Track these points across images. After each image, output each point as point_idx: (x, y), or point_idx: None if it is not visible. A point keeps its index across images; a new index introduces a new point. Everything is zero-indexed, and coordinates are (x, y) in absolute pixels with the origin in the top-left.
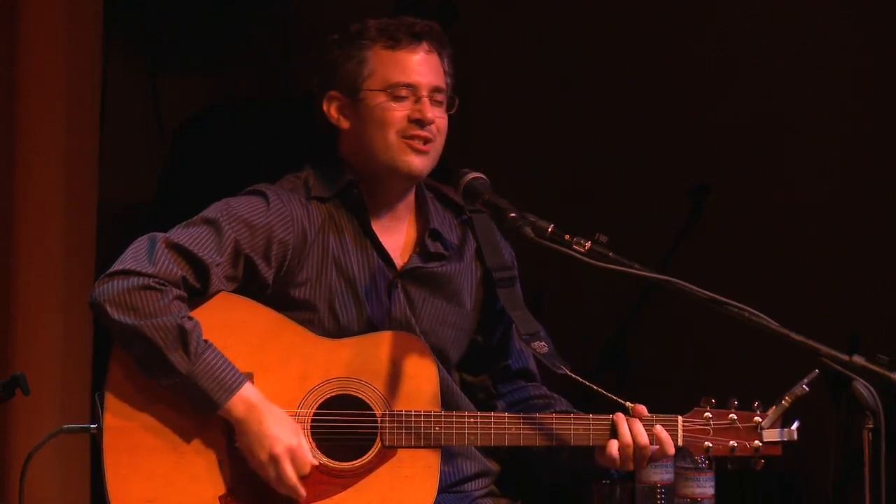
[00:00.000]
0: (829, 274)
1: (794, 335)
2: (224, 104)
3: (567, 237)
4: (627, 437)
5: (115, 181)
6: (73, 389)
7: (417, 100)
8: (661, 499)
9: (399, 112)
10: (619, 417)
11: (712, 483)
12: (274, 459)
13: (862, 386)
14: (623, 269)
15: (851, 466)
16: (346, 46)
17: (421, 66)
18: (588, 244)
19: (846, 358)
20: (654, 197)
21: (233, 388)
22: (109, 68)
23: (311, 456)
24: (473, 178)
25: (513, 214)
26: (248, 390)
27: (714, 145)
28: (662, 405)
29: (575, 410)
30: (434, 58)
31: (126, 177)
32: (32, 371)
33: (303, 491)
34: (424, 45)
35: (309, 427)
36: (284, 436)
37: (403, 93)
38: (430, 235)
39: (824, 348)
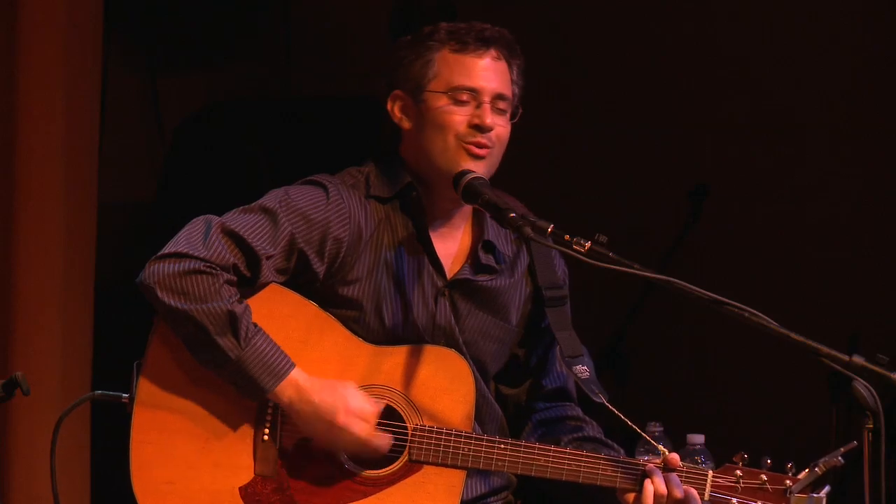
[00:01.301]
0: (829, 274)
1: (794, 335)
2: (224, 104)
3: (567, 237)
4: (662, 489)
5: (115, 181)
6: (73, 389)
7: (479, 105)
8: None
9: (459, 116)
10: (654, 470)
11: None
12: (342, 429)
13: (862, 386)
14: (623, 269)
15: (851, 466)
16: (414, 46)
17: (485, 72)
18: (588, 244)
19: (846, 358)
20: (654, 197)
21: (282, 373)
22: (109, 68)
23: (373, 405)
24: (473, 177)
25: (513, 214)
26: (296, 374)
27: (714, 145)
28: (662, 405)
29: (604, 438)
30: (502, 65)
31: (126, 177)
32: (32, 371)
33: (388, 439)
34: (492, 52)
35: None
36: (341, 401)
37: (465, 97)
38: (483, 247)
39: (824, 348)
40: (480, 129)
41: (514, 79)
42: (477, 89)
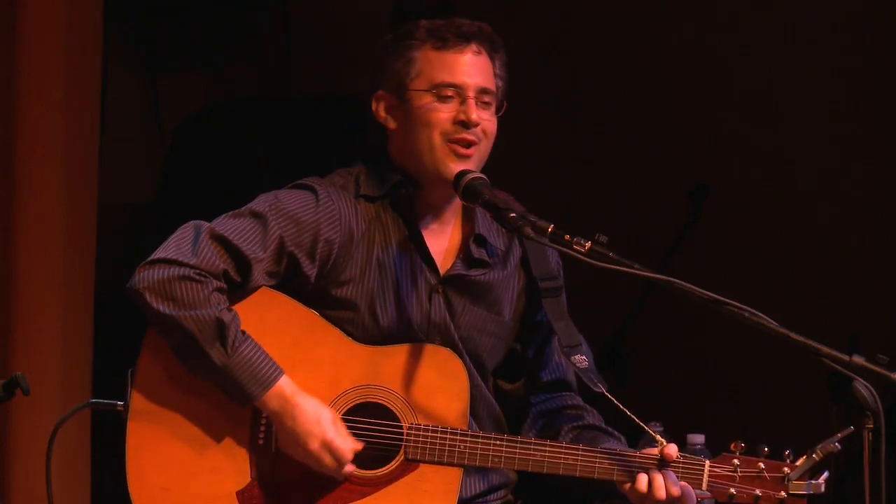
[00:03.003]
0: (829, 274)
1: (794, 335)
2: (224, 104)
3: (567, 237)
4: (661, 493)
5: (115, 181)
6: (73, 389)
7: (463, 101)
8: None
9: (444, 113)
10: (656, 474)
11: None
12: (312, 455)
13: (862, 386)
14: (623, 269)
15: (851, 466)
16: (395, 46)
17: (467, 67)
18: (588, 244)
19: (846, 358)
20: (654, 197)
21: (268, 382)
22: (109, 68)
23: (350, 442)
24: (473, 178)
25: (513, 214)
26: (283, 383)
27: (714, 145)
28: (662, 406)
29: (605, 426)
30: (483, 59)
31: (126, 177)
32: (32, 371)
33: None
34: (473, 46)
35: None
36: (318, 430)
37: (449, 93)
38: (475, 241)
39: (824, 348)
40: (466, 124)
41: (496, 72)
42: (460, 85)
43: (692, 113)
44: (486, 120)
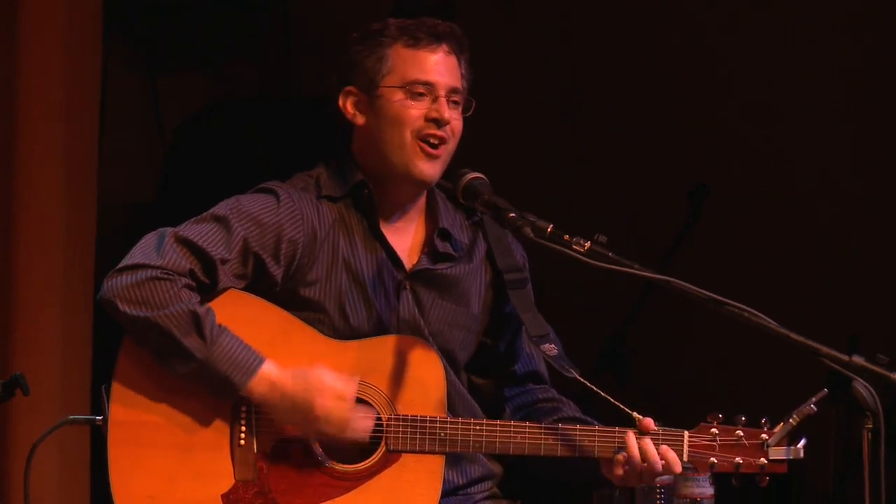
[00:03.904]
0: (829, 274)
1: (793, 335)
2: (224, 104)
3: (566, 237)
4: (637, 459)
5: (115, 181)
6: (73, 389)
7: (434, 99)
8: (660, 499)
9: (415, 111)
10: (630, 437)
11: (711, 483)
12: (319, 415)
13: (861, 386)
14: (623, 269)
15: (851, 466)
16: (366, 42)
17: (439, 66)
18: (588, 244)
19: (846, 358)
20: (654, 197)
21: (252, 369)
22: (109, 68)
23: (345, 379)
24: (473, 178)
25: (512, 214)
26: (267, 368)
27: (714, 145)
28: (662, 406)
29: (582, 416)
30: (453, 59)
31: (126, 177)
32: (32, 371)
33: (368, 422)
34: (444, 46)
35: None
36: (316, 383)
37: (421, 90)
38: (439, 235)
39: (824, 348)
40: (438, 122)
41: (463, 73)
42: (432, 83)
43: (692, 113)
44: (455, 119)
